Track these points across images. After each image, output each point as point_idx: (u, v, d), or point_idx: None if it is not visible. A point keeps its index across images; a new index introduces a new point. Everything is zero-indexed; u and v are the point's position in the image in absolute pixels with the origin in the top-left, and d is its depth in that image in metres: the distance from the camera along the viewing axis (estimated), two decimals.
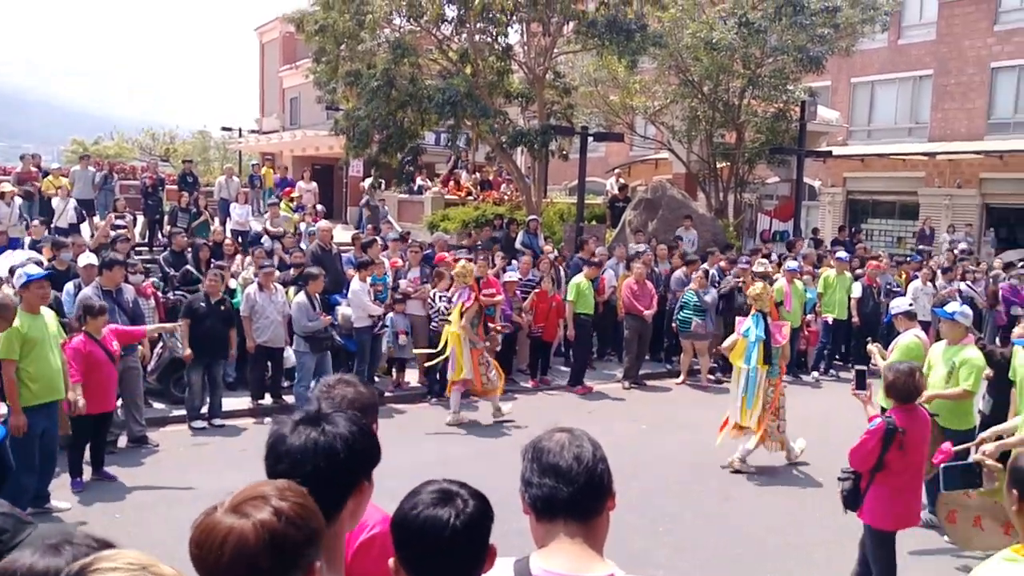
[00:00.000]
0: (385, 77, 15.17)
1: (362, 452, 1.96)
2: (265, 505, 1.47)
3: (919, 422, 4.97)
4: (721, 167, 20.46)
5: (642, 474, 7.94)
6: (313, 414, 1.99)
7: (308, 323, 9.90)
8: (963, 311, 6.87)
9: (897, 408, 4.97)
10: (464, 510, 1.85)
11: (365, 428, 2.02)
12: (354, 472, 1.94)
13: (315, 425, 1.95)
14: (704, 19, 18.04)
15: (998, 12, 24.89)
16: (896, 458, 4.85)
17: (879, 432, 4.87)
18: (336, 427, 1.95)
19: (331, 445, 1.91)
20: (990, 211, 25.84)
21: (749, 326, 8.59)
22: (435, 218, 18.34)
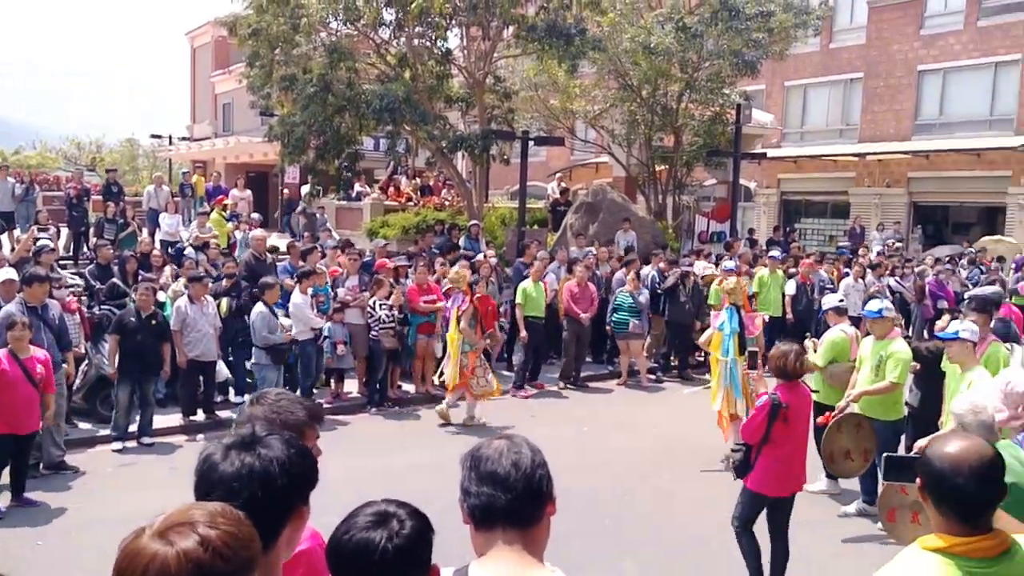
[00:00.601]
0: (321, 82, 14.90)
1: (300, 476, 1.85)
2: (192, 532, 1.35)
3: (801, 398, 5.56)
4: (660, 170, 20.63)
5: (585, 476, 7.88)
6: (247, 437, 1.87)
7: (269, 335, 9.66)
8: (886, 306, 7.19)
9: (781, 385, 5.51)
10: (399, 532, 1.81)
11: (302, 450, 1.91)
12: (291, 498, 1.83)
13: (249, 449, 1.83)
14: (642, 24, 18.18)
15: (924, 17, 25.67)
16: (780, 430, 5.37)
17: (766, 407, 5.43)
18: (272, 450, 1.83)
19: (267, 470, 1.80)
20: (917, 209, 26.63)
21: (724, 320, 8.81)
22: (375, 225, 18.09)
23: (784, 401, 5.40)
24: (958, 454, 2.24)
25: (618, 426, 10.30)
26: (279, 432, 1.93)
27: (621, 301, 12.66)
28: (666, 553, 6.36)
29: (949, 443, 2.31)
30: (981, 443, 2.31)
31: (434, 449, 8.88)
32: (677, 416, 10.59)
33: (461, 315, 10.08)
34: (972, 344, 6.16)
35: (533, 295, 12.08)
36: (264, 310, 9.84)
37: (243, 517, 1.46)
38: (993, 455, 2.27)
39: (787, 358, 5.51)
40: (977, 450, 2.25)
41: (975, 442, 2.31)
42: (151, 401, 9.40)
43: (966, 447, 2.26)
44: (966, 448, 2.26)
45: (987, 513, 2.26)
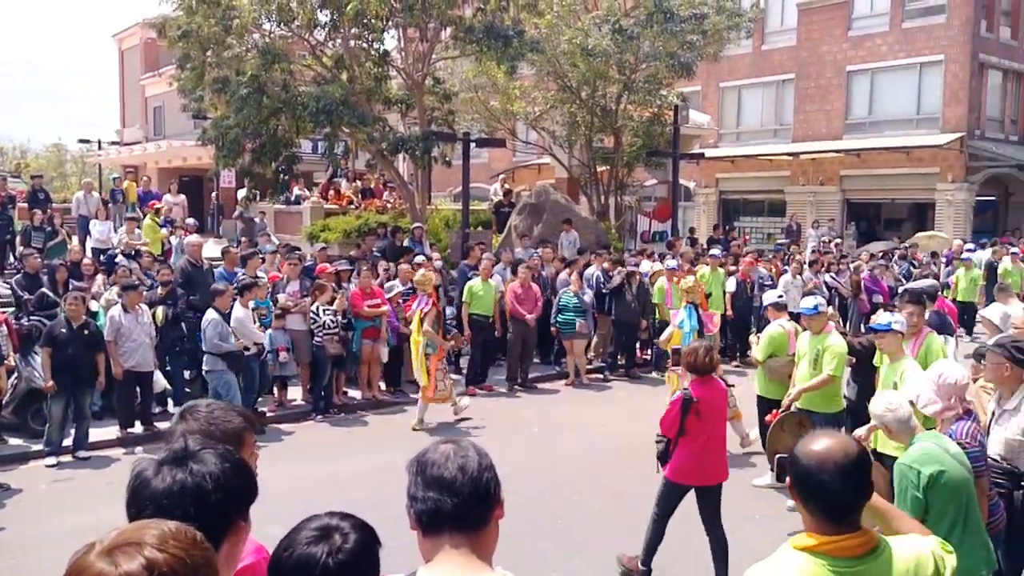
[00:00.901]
0: (255, 84, 14.59)
1: (236, 491, 1.78)
2: (138, 554, 1.29)
3: (714, 393, 5.75)
4: (601, 171, 20.79)
5: (534, 477, 7.87)
6: (179, 452, 1.80)
7: (222, 342, 9.36)
8: (821, 302, 7.44)
9: (694, 380, 5.72)
10: (342, 546, 1.78)
11: (238, 463, 1.84)
12: (227, 513, 1.76)
13: (181, 465, 1.76)
14: (579, 26, 18.30)
15: (852, 19, 26.40)
16: (694, 424, 5.59)
17: (678, 402, 5.67)
18: (205, 465, 1.76)
19: (200, 486, 1.73)
20: (851, 206, 27.38)
21: (683, 318, 9.01)
22: (315, 228, 17.81)
23: (696, 396, 5.60)
24: (824, 451, 2.24)
25: (567, 426, 10.30)
26: (213, 446, 1.87)
27: (566, 302, 12.69)
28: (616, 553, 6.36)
29: (816, 441, 2.30)
30: (847, 441, 2.31)
31: (381, 455, 8.76)
32: (625, 415, 10.64)
33: (424, 317, 10.03)
34: (902, 335, 6.32)
35: (480, 293, 12.07)
36: (216, 317, 9.47)
37: (199, 539, 1.39)
38: (858, 453, 2.27)
39: (697, 354, 5.72)
40: (843, 448, 2.25)
41: (841, 440, 2.30)
42: (86, 414, 9.08)
43: (831, 445, 2.26)
44: (831, 446, 2.25)
45: (854, 511, 2.26)
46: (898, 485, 3.90)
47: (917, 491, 3.78)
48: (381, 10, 14.69)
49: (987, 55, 24.51)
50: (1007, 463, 4.67)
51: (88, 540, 1.31)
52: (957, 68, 24.12)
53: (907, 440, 4.08)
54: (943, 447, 3.93)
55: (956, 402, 4.41)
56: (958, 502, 3.82)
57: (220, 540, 1.72)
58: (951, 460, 3.85)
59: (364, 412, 11.00)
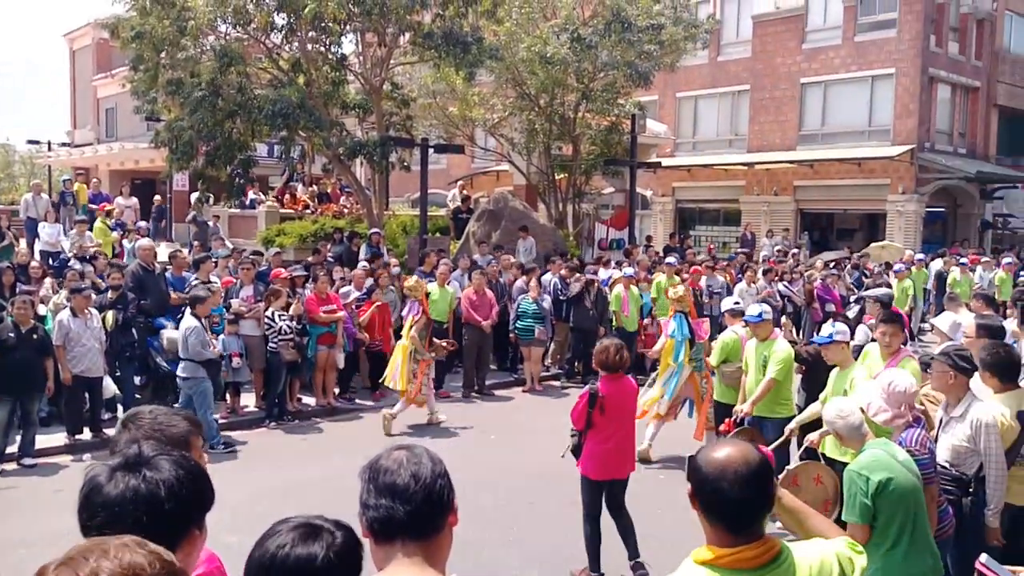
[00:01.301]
0: (210, 86, 14.39)
1: (191, 499, 1.76)
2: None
3: (622, 390, 5.95)
4: (559, 178, 20.88)
5: (492, 484, 7.85)
6: (133, 458, 1.76)
7: (203, 351, 9.27)
8: (765, 310, 7.58)
9: (604, 377, 5.91)
10: (334, 541, 1.78)
11: (194, 470, 1.81)
12: (181, 522, 1.74)
13: (135, 471, 1.73)
14: (538, 34, 18.36)
15: (805, 32, 26.89)
16: (600, 419, 5.81)
17: (584, 397, 5.91)
18: (159, 472, 1.73)
19: (154, 494, 1.70)
20: (804, 216, 27.84)
21: (674, 327, 9.13)
22: (270, 233, 17.60)
23: (603, 392, 5.82)
24: (723, 460, 2.20)
25: (524, 433, 10.29)
26: (169, 452, 1.83)
27: (525, 308, 12.72)
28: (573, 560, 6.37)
29: (717, 449, 2.26)
30: (748, 450, 2.24)
31: (335, 463, 8.67)
32: None
33: (414, 324, 10.21)
34: (846, 344, 6.42)
35: (435, 299, 12.01)
36: (197, 324, 9.34)
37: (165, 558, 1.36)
38: (759, 462, 2.21)
39: (608, 352, 5.92)
40: (743, 456, 2.20)
41: (743, 449, 2.24)
42: (34, 420, 8.87)
43: (732, 453, 2.21)
44: (732, 454, 2.21)
45: (753, 521, 2.20)
46: (847, 491, 3.95)
47: (866, 498, 3.83)
48: (339, 14, 14.56)
49: (936, 69, 25.14)
50: (955, 470, 4.76)
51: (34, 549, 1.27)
52: (908, 81, 24.69)
53: (858, 447, 4.13)
54: (892, 454, 3.99)
55: (906, 410, 4.49)
56: (906, 509, 3.88)
57: (174, 549, 1.69)
58: (900, 467, 3.91)
59: (319, 419, 10.90)
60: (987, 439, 4.68)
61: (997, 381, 5.08)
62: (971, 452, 4.72)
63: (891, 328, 6.31)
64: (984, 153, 27.43)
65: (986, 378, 5.12)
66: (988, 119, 27.70)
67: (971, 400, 4.87)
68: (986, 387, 5.13)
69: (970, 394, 4.91)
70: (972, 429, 4.72)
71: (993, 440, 4.68)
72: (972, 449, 4.72)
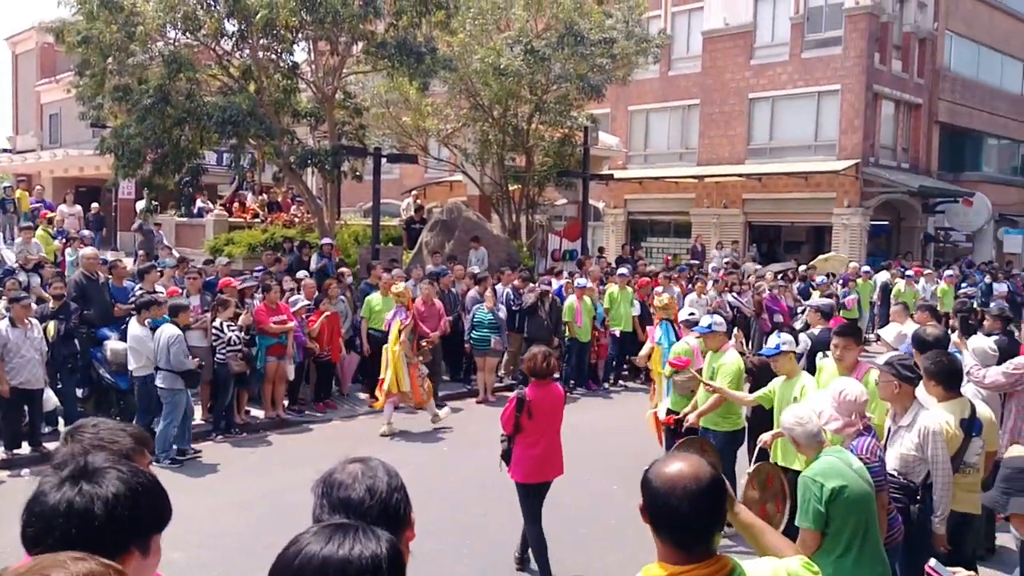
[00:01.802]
0: (159, 93, 14.10)
1: (129, 518, 1.68)
2: None
3: (549, 396, 6.11)
4: (513, 189, 20.93)
5: (445, 496, 7.78)
6: (78, 470, 1.70)
7: (184, 361, 9.21)
8: (716, 321, 7.58)
9: (532, 384, 6.09)
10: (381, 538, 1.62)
11: (140, 488, 1.73)
12: (116, 541, 1.66)
13: (75, 483, 1.67)
14: (492, 45, 18.42)
15: (754, 48, 27.40)
16: (527, 423, 5.98)
17: (512, 402, 6.09)
18: (98, 487, 1.66)
19: (88, 509, 1.64)
20: (752, 228, 28.29)
21: (660, 335, 9.33)
22: (218, 242, 17.31)
23: (530, 397, 6.00)
24: (674, 475, 2.14)
25: (477, 445, 10.18)
26: (121, 466, 1.76)
27: (481, 318, 12.68)
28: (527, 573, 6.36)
29: (669, 463, 2.20)
30: (701, 465, 2.18)
31: (285, 477, 8.53)
32: None
33: (403, 329, 10.43)
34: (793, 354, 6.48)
35: (378, 308, 11.95)
36: (178, 333, 9.32)
37: None
38: (711, 478, 2.15)
39: (536, 359, 6.10)
40: (694, 473, 2.14)
41: (694, 464, 2.18)
42: None
43: (683, 469, 2.15)
44: (683, 470, 2.15)
45: (704, 538, 2.14)
46: (801, 497, 3.99)
47: (819, 504, 3.87)
48: (291, 21, 14.42)
49: (880, 86, 25.79)
50: (904, 478, 4.83)
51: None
52: (853, 98, 25.28)
53: (813, 454, 4.17)
54: (847, 462, 4.04)
55: (856, 418, 4.57)
56: (858, 516, 3.93)
57: None
58: (853, 475, 3.97)
59: (267, 432, 10.71)
60: (934, 447, 4.76)
61: (941, 390, 5.19)
62: (919, 460, 4.80)
63: (843, 341, 6.09)
64: (926, 168, 28.20)
65: (930, 387, 5.22)
66: (930, 135, 28.49)
67: (918, 409, 4.95)
68: (930, 396, 5.24)
69: (917, 403, 4.99)
70: (920, 437, 4.80)
71: (940, 448, 4.77)
72: (920, 457, 4.80)
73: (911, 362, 5.21)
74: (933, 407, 5.11)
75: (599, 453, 9.55)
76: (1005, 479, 3.17)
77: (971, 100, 30.01)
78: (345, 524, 1.62)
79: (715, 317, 7.81)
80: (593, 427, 11.06)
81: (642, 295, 14.61)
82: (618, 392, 13.90)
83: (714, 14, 27.91)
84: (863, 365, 6.04)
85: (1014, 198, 32.24)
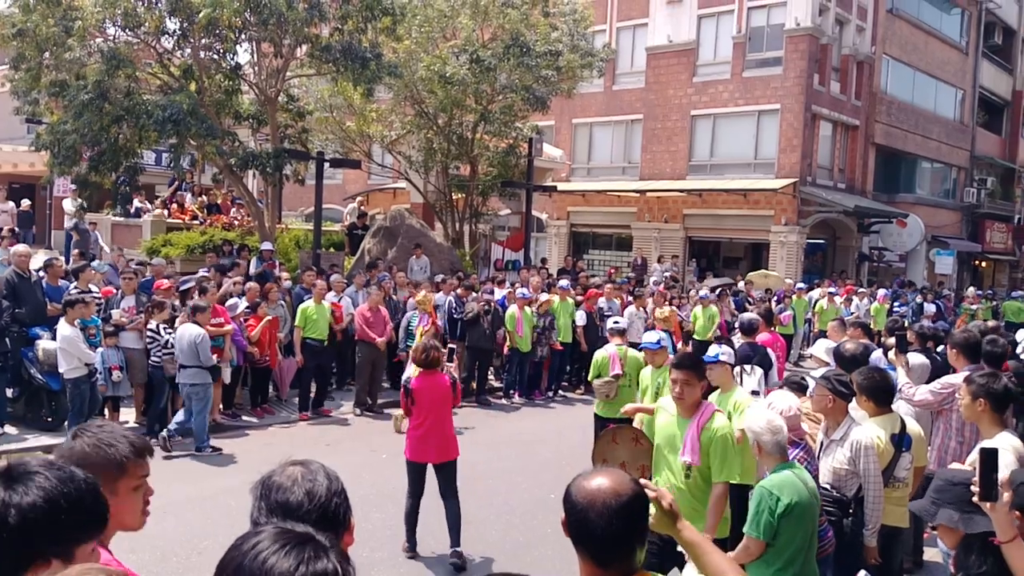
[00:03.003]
0: (97, 89, 13.72)
1: (48, 527, 1.63)
2: None
3: (434, 384, 6.77)
4: (457, 198, 20.94)
5: (383, 504, 7.73)
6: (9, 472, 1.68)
7: (211, 357, 9.76)
8: (663, 337, 7.76)
9: (420, 373, 6.79)
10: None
11: (70, 497, 1.69)
12: (30, 549, 1.62)
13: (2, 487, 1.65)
14: (438, 53, 18.43)
15: (696, 66, 27.92)
16: (414, 408, 6.75)
17: (402, 389, 6.95)
18: (17, 494, 1.62)
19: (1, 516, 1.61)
20: (692, 243, 28.76)
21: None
22: (155, 243, 16.93)
23: (413, 386, 6.76)
24: (594, 490, 2.10)
25: None
26: (54, 473, 1.71)
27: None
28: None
29: (591, 478, 2.14)
30: (623, 481, 2.13)
31: (220, 482, 8.39)
32: (473, 443, 10.64)
33: (424, 334, 10.76)
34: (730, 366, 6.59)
35: (314, 317, 11.81)
36: (202, 332, 9.74)
37: None
38: (632, 494, 2.11)
39: (418, 351, 6.88)
40: (614, 489, 2.10)
41: (616, 479, 2.13)
42: None
43: (603, 484, 2.10)
44: (603, 485, 2.10)
45: (623, 555, 2.09)
46: (755, 506, 4.06)
47: (772, 516, 3.96)
48: (235, 22, 14.20)
49: (819, 107, 26.48)
50: (836, 492, 4.92)
51: None
52: (792, 117, 25.91)
53: (774, 464, 4.22)
54: (802, 478, 4.13)
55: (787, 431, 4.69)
56: (805, 531, 4.04)
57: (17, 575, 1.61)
58: (807, 492, 4.07)
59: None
60: (866, 461, 4.86)
61: (873, 405, 5.34)
62: (851, 474, 4.90)
63: (683, 375, 4.95)
64: (862, 188, 29.03)
65: (862, 402, 5.37)
66: (866, 156, 29.33)
67: (850, 423, 5.06)
68: (861, 410, 5.40)
69: (849, 417, 5.11)
70: (852, 451, 4.89)
71: (872, 462, 4.87)
72: (852, 471, 4.89)
73: (847, 377, 5.32)
74: (865, 422, 5.25)
75: (537, 462, 9.64)
76: (936, 490, 3.21)
77: (906, 123, 30.96)
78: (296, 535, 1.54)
79: (662, 333, 8.00)
80: (533, 436, 11.13)
81: (589, 306, 14.73)
82: (559, 402, 13.99)
83: (658, 31, 28.37)
84: (705, 407, 5.00)
85: (946, 220, 33.44)
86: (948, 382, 6.23)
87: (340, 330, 12.68)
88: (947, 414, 6.21)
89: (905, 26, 30.54)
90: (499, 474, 9.11)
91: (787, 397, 5.24)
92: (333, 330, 12.35)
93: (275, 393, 12.30)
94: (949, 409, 6.13)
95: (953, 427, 6.15)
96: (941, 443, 6.23)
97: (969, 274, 35.86)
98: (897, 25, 30.06)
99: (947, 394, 6.13)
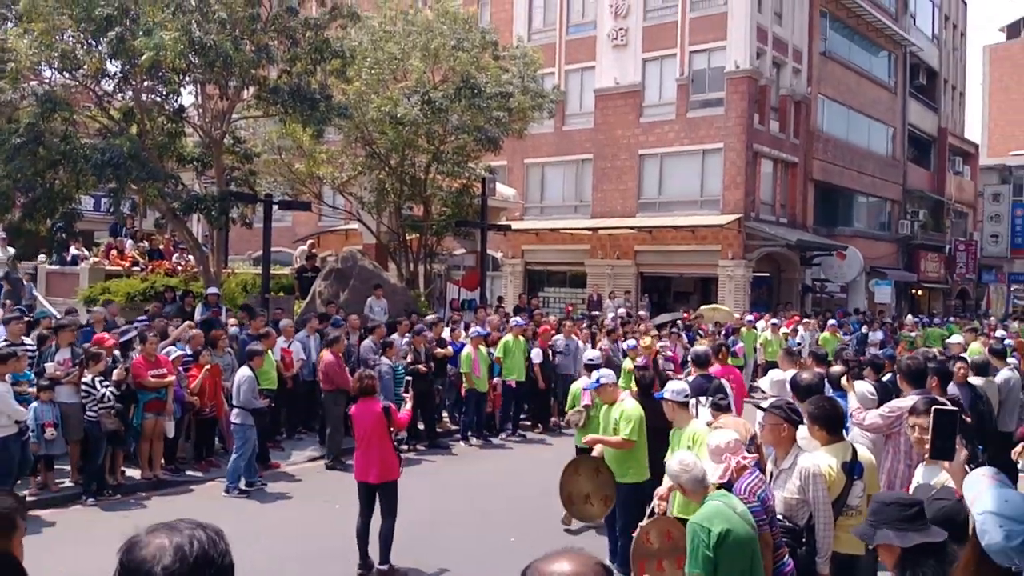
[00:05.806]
0: (31, 133, 13.30)
1: None
2: None
3: (367, 411, 7.28)
4: (411, 238, 20.76)
5: (336, 555, 7.41)
6: None
7: (254, 400, 10.20)
8: (604, 374, 7.61)
9: (359, 401, 7.35)
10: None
11: None
12: None
13: None
14: (388, 95, 18.35)
15: (643, 107, 28.38)
16: (355, 432, 7.45)
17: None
18: None
19: None
20: (644, 279, 28.95)
21: None
22: (94, 291, 16.37)
23: (352, 413, 7.51)
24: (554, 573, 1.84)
25: None
26: None
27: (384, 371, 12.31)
28: None
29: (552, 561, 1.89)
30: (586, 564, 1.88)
31: None
32: (432, 488, 10.34)
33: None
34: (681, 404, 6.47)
35: (264, 367, 11.14)
36: (251, 375, 10.26)
37: None
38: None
39: (354, 381, 7.52)
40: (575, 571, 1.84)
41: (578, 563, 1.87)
42: None
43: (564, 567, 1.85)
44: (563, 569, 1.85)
45: None
46: (690, 543, 4.04)
47: (708, 549, 3.93)
48: (179, 64, 13.90)
49: (760, 145, 27.06)
50: (788, 521, 4.87)
51: None
52: (735, 155, 26.41)
53: (700, 499, 4.23)
54: (731, 506, 4.13)
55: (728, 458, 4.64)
56: (744, 559, 4.01)
57: None
58: (738, 519, 4.05)
59: (144, 493, 10.03)
60: (814, 489, 4.83)
61: (824, 433, 5.28)
62: (801, 503, 4.86)
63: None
64: (803, 223, 29.63)
65: (813, 431, 5.31)
66: (806, 192, 30.01)
67: (797, 452, 5.03)
68: (813, 440, 5.33)
69: (795, 446, 5.08)
70: (801, 479, 4.86)
71: (820, 489, 4.84)
72: (802, 499, 4.85)
73: (797, 407, 5.33)
74: (816, 451, 5.20)
75: (497, 507, 9.37)
76: (873, 512, 3.30)
77: (842, 160, 31.95)
78: None
79: (604, 371, 7.78)
80: (491, 478, 10.87)
81: (543, 342, 14.60)
82: (517, 441, 13.73)
83: (605, 73, 28.81)
84: None
85: (883, 251, 34.42)
86: (896, 406, 6.28)
87: (290, 377, 12.32)
88: (896, 438, 6.24)
89: (838, 67, 31.60)
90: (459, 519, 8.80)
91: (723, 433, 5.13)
92: (283, 378, 11.99)
93: (221, 445, 11.72)
94: (897, 433, 6.17)
95: (902, 451, 6.19)
96: (891, 467, 6.25)
97: (907, 302, 36.95)
98: (830, 67, 31.07)
99: (895, 417, 6.18)
